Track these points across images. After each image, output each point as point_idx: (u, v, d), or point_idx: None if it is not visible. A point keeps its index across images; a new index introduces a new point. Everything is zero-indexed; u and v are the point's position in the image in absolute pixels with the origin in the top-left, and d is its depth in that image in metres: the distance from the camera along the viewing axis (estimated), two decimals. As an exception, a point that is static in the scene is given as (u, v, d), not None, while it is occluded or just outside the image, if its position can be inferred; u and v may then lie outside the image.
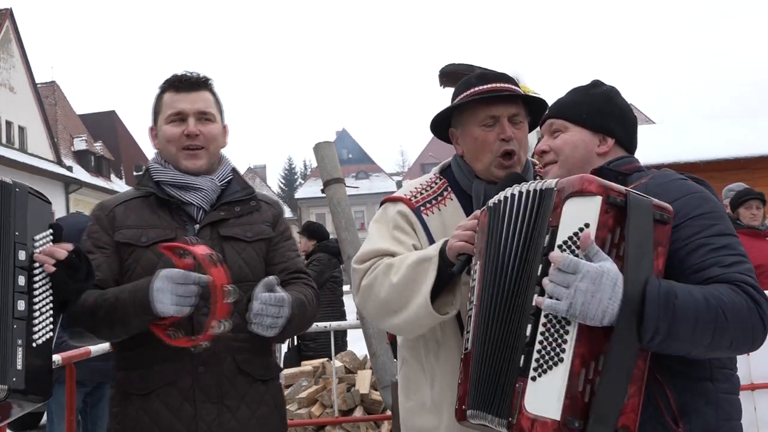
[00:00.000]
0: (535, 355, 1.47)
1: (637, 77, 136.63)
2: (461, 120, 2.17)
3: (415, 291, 1.93)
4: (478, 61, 2.41)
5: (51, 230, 1.91)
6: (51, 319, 1.87)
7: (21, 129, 32.35)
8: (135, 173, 45.14)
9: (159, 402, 2.05)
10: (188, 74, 2.22)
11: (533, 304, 1.49)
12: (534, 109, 2.16)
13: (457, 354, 2.02)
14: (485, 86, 2.11)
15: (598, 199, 1.47)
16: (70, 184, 34.82)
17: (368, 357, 4.64)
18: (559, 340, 1.44)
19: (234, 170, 2.32)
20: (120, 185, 41.07)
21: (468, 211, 2.09)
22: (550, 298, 1.45)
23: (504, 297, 1.61)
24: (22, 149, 31.83)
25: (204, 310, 1.98)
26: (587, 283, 1.41)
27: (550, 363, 1.44)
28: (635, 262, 1.45)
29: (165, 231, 2.13)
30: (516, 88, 2.14)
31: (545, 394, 1.43)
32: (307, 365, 5.95)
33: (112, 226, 2.15)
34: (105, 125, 45.61)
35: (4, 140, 30.70)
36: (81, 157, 38.68)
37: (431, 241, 2.07)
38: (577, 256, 1.46)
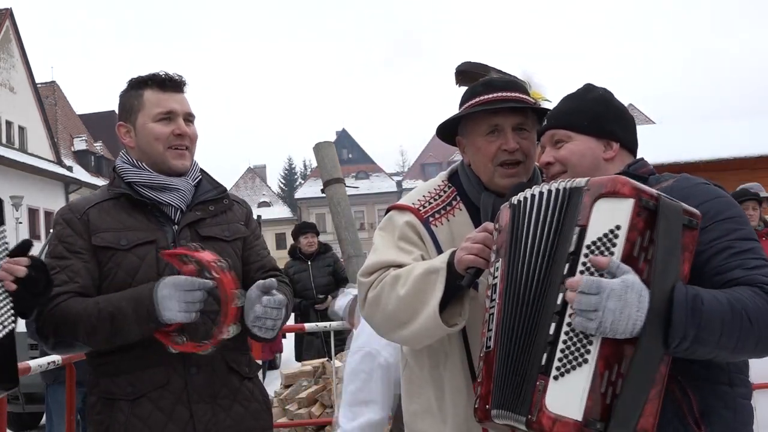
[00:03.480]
0: (558, 355, 1.46)
1: (637, 77, 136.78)
2: (466, 129, 2.12)
3: (423, 303, 1.90)
4: (485, 59, 2.34)
5: (4, 227, 1.90)
6: (11, 312, 1.86)
7: (21, 129, 32.37)
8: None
9: (151, 405, 2.02)
10: (171, 74, 2.20)
11: (566, 311, 1.48)
12: (544, 117, 2.07)
13: (461, 363, 2.02)
14: (490, 95, 2.06)
15: (631, 202, 1.46)
16: (70, 184, 34.84)
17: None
18: (584, 341, 1.44)
19: (202, 170, 2.30)
20: (120, 185, 41.02)
21: (477, 221, 2.05)
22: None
23: (530, 296, 1.60)
24: (22, 149, 31.83)
25: (211, 315, 2.00)
26: (614, 302, 1.40)
27: (574, 363, 1.44)
28: (663, 267, 1.45)
29: (144, 233, 2.10)
30: (524, 96, 2.09)
31: (568, 394, 1.43)
32: (307, 365, 5.95)
33: (87, 230, 2.09)
34: (105, 125, 45.54)
35: (4, 140, 30.71)
36: (81, 157, 38.71)
37: (440, 252, 2.03)
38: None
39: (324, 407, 5.32)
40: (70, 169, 35.71)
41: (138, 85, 2.20)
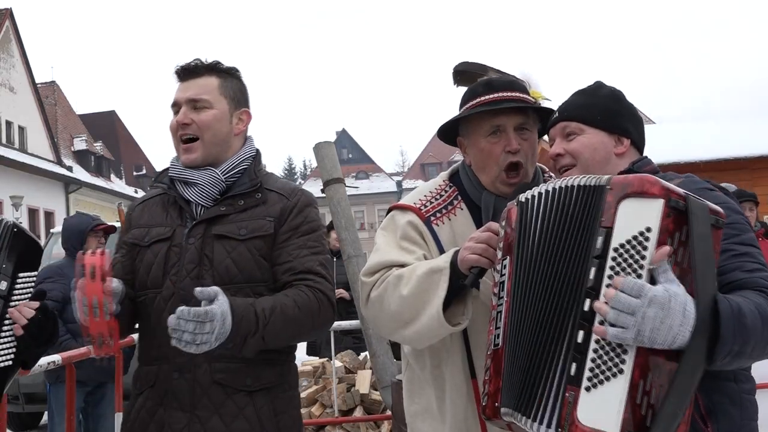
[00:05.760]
0: (589, 365, 1.40)
1: (636, 77, 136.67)
2: (468, 130, 2.11)
3: (427, 303, 1.90)
4: (484, 58, 2.33)
5: (35, 272, 2.11)
6: (12, 350, 2.03)
7: (21, 129, 32.35)
8: (135, 173, 45.15)
9: (142, 403, 2.05)
10: (189, 61, 2.13)
11: (592, 330, 1.42)
12: (544, 116, 2.06)
13: (462, 363, 2.02)
14: (491, 96, 2.05)
15: (660, 202, 1.39)
16: (70, 184, 34.83)
17: (368, 357, 4.64)
18: (618, 351, 1.38)
19: (254, 158, 2.15)
20: (120, 185, 41.08)
21: (478, 221, 2.06)
22: (612, 325, 1.37)
23: (544, 296, 1.57)
24: (22, 149, 31.82)
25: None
26: (655, 310, 1.33)
27: (608, 374, 1.38)
28: (703, 276, 1.38)
29: (165, 229, 2.08)
30: (524, 96, 2.08)
31: (602, 406, 1.37)
32: (307, 365, 5.95)
33: (130, 226, 2.17)
34: (105, 125, 45.59)
35: (4, 140, 30.70)
36: (81, 157, 38.68)
37: (441, 251, 2.03)
38: (636, 262, 1.39)
39: (324, 407, 5.32)
40: (70, 169, 35.69)
41: None
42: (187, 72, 2.12)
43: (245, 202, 2.07)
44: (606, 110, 1.85)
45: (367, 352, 4.82)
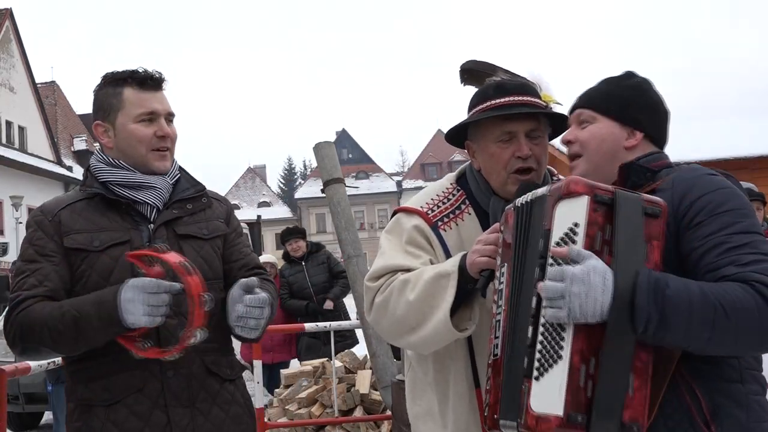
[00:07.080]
0: (537, 356, 1.49)
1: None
2: (477, 134, 2.06)
3: (434, 308, 1.88)
4: (488, 58, 2.28)
5: None
6: None
7: (21, 129, 32.38)
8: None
9: (126, 411, 1.96)
10: (151, 71, 2.13)
11: (540, 313, 1.51)
12: (555, 120, 2.05)
13: (465, 370, 2.01)
14: (502, 99, 2.00)
15: (585, 199, 1.49)
16: (69, 184, 34.83)
17: (368, 357, 4.64)
18: (557, 338, 1.46)
19: (181, 168, 2.25)
20: (120, 185, 41.06)
21: (486, 226, 2.03)
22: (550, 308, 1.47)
23: (519, 302, 1.62)
24: (22, 149, 31.85)
25: (176, 319, 1.94)
26: (578, 286, 1.42)
27: (550, 361, 1.46)
28: (624, 255, 1.46)
29: (118, 233, 2.03)
30: (536, 100, 2.04)
31: (548, 392, 1.45)
32: (307, 365, 5.95)
33: (59, 232, 2.02)
34: (105, 125, 45.51)
35: (4, 140, 30.72)
36: (81, 157, 38.65)
37: (448, 257, 2.00)
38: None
39: (324, 407, 5.32)
40: (70, 169, 35.71)
41: (116, 82, 2.13)
42: (158, 83, 2.13)
43: (193, 206, 2.18)
44: (623, 100, 1.81)
45: (367, 352, 4.82)
